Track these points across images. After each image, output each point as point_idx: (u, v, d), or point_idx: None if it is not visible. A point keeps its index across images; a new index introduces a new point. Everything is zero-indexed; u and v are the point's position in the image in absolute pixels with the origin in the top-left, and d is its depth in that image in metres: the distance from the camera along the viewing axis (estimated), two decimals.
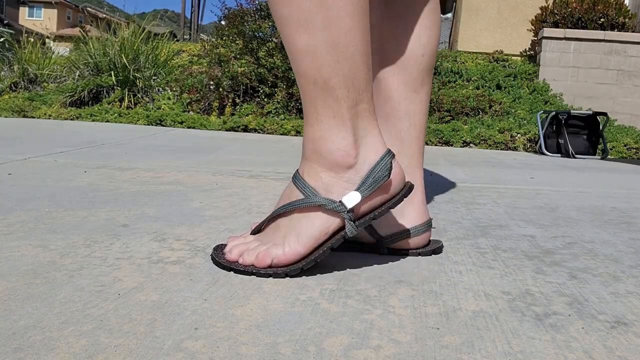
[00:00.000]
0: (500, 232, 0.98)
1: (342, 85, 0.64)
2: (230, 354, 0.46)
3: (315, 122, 0.67)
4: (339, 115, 0.65)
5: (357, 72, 0.64)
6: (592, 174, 2.25)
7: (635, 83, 4.77)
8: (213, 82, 4.07)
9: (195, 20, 9.01)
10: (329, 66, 0.63)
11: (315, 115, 0.66)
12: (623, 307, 0.62)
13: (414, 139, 0.80)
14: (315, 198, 0.66)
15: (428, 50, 0.79)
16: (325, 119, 0.66)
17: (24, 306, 0.53)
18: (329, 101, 0.65)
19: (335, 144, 0.66)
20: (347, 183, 0.67)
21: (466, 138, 3.66)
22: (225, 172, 1.57)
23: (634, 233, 1.04)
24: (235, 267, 0.67)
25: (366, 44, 0.65)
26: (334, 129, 0.66)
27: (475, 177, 1.85)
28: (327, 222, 0.67)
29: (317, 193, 0.67)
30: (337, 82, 0.64)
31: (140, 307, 0.54)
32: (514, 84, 4.71)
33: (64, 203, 1.03)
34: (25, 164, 1.51)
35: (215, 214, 1.00)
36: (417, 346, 0.49)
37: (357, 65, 0.64)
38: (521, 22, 5.49)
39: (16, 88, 4.79)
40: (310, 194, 0.67)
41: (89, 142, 2.28)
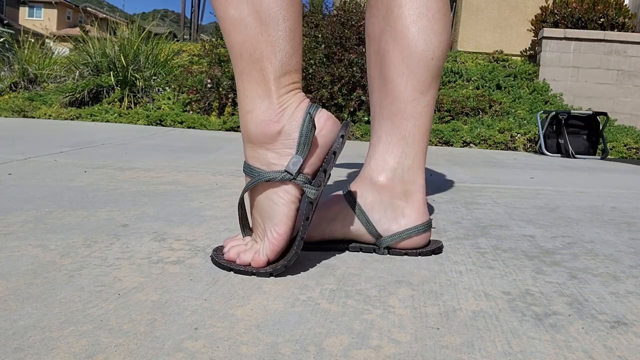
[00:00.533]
0: (500, 232, 0.98)
1: (265, 58, 0.66)
2: (230, 354, 0.46)
3: (243, 97, 0.68)
4: (262, 86, 0.67)
5: (280, 45, 0.66)
6: (592, 174, 2.25)
7: (635, 83, 4.77)
8: (213, 82, 4.07)
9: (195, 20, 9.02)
10: (253, 38, 0.65)
11: (243, 90, 0.68)
12: (623, 307, 0.62)
13: (417, 139, 0.80)
14: (260, 175, 0.67)
15: (437, 54, 0.80)
16: (250, 92, 0.67)
17: (24, 306, 0.53)
18: (253, 74, 0.67)
19: (260, 116, 0.67)
20: (284, 149, 0.67)
21: (466, 138, 3.67)
22: (225, 172, 1.57)
23: (634, 233, 1.04)
24: (234, 267, 0.67)
25: (291, 18, 0.66)
26: (257, 101, 0.67)
27: (475, 177, 1.85)
28: (286, 195, 0.67)
29: (261, 171, 0.68)
30: (260, 54, 0.66)
31: (140, 307, 0.54)
32: (514, 84, 4.71)
33: (64, 203, 1.03)
34: (25, 164, 1.51)
35: (215, 214, 1.00)
36: (417, 346, 0.49)
37: (281, 38, 0.66)
38: (521, 22, 5.50)
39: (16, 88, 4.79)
40: (255, 174, 0.68)
41: (89, 142, 2.28)
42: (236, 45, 0.67)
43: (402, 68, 0.79)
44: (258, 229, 0.70)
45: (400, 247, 0.78)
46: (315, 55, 3.81)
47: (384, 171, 0.79)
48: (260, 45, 0.65)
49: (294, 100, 0.68)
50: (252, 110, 0.67)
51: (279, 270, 0.66)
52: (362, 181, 0.81)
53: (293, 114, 0.68)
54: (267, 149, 0.68)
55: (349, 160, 2.19)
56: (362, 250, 0.80)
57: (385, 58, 0.81)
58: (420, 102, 0.80)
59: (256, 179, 0.68)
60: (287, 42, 0.67)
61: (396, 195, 0.79)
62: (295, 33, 0.67)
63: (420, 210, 0.79)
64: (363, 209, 0.79)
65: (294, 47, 0.67)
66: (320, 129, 0.68)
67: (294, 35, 0.67)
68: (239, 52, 0.67)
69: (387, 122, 0.80)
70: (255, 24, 0.65)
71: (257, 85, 0.67)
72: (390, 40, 0.80)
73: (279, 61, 0.66)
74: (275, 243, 0.67)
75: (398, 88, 0.80)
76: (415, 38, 0.79)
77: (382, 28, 0.81)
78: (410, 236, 0.78)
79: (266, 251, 0.67)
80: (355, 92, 3.83)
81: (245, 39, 0.66)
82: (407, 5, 0.79)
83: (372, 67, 0.84)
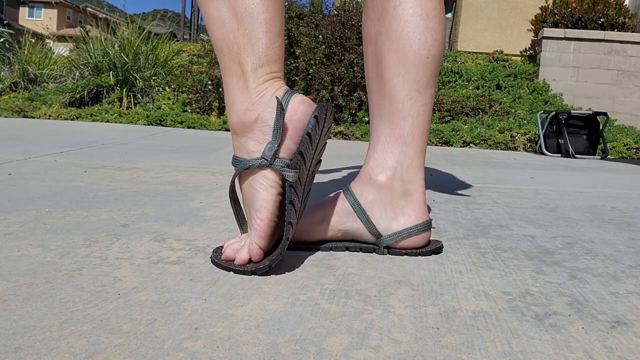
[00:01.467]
0: (500, 232, 0.98)
1: (243, 51, 0.68)
2: (230, 354, 0.46)
3: (226, 91, 0.71)
4: (241, 78, 0.69)
5: (257, 37, 0.68)
6: (592, 174, 2.25)
7: (635, 83, 4.77)
8: (213, 82, 4.07)
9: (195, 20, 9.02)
10: (232, 33, 0.68)
11: (226, 84, 0.71)
12: (623, 307, 0.62)
13: (416, 138, 0.80)
14: (241, 164, 0.69)
15: (433, 53, 0.80)
16: (231, 85, 0.70)
17: (24, 306, 0.53)
18: (233, 68, 0.69)
19: (239, 106, 0.69)
20: (262, 136, 0.69)
21: (466, 138, 3.67)
22: (225, 172, 1.57)
23: (634, 233, 1.04)
24: (233, 267, 0.67)
25: (268, 10, 0.68)
26: (237, 91, 0.69)
27: (475, 177, 1.85)
28: (264, 180, 0.68)
29: (243, 159, 0.69)
30: (239, 48, 0.68)
31: (140, 307, 0.54)
32: (514, 84, 4.72)
33: (64, 203, 1.03)
34: (25, 164, 1.51)
35: (215, 214, 1.00)
36: (417, 346, 0.49)
37: (256, 31, 0.68)
38: (521, 22, 5.50)
39: (16, 88, 4.79)
40: (238, 163, 0.69)
41: (89, 142, 2.28)
42: (217, 42, 0.70)
43: (398, 68, 0.79)
44: (249, 220, 0.71)
45: (400, 247, 0.78)
46: (316, 55, 3.81)
47: (384, 170, 0.79)
48: (238, 40, 0.68)
49: (271, 88, 0.69)
50: (233, 102, 0.70)
51: (262, 270, 0.66)
52: (361, 180, 0.81)
53: (269, 102, 0.69)
54: (247, 137, 0.69)
55: (349, 160, 2.19)
56: (362, 250, 0.80)
57: (382, 59, 0.81)
58: (418, 101, 0.80)
59: (238, 168, 0.69)
60: (264, 34, 0.68)
61: (396, 195, 0.79)
62: (272, 24, 0.69)
63: (420, 209, 0.79)
64: (363, 208, 0.79)
65: (271, 39, 0.69)
66: (294, 112, 0.69)
67: (271, 27, 0.69)
68: (220, 48, 0.69)
69: (385, 122, 0.80)
70: (232, 20, 0.68)
71: (237, 78, 0.69)
72: (386, 41, 0.80)
73: (255, 53, 0.68)
74: (259, 229, 0.67)
75: (395, 88, 0.80)
76: (410, 37, 0.79)
77: (377, 29, 0.81)
78: (410, 235, 0.78)
79: (254, 239, 0.68)
80: (355, 92, 3.83)
81: (224, 35, 0.69)
82: (402, 5, 0.79)
83: (370, 68, 0.84)
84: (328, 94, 3.79)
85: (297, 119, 0.69)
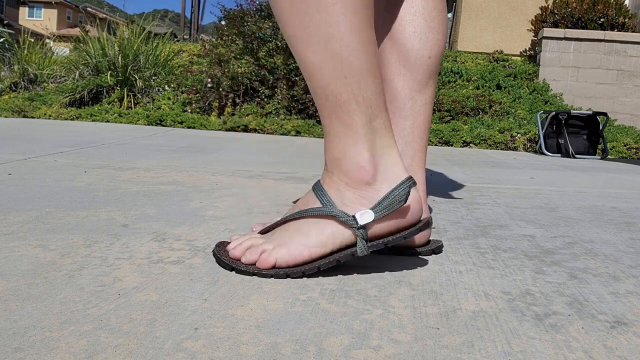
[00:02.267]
0: (500, 232, 0.98)
1: (352, 100, 0.64)
2: (230, 354, 0.46)
3: (333, 137, 0.67)
4: (353, 131, 0.65)
5: (365, 87, 0.64)
6: (592, 174, 2.25)
7: (635, 83, 4.77)
8: (213, 82, 4.07)
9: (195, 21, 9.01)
10: (336, 81, 0.64)
11: (332, 130, 0.67)
12: (623, 307, 0.62)
13: (416, 138, 0.80)
14: (330, 208, 0.66)
15: (434, 53, 0.80)
16: (341, 134, 0.66)
17: (24, 306, 0.53)
18: (342, 116, 0.65)
19: (353, 160, 0.66)
20: (365, 200, 0.66)
21: (466, 138, 3.67)
22: (225, 172, 1.57)
23: (634, 233, 1.04)
24: (237, 266, 0.67)
25: (372, 57, 0.65)
26: (350, 145, 0.66)
27: (475, 177, 1.85)
28: (337, 233, 0.66)
29: (333, 204, 0.67)
30: (346, 97, 0.64)
31: (140, 307, 0.54)
32: (514, 84, 4.71)
33: (64, 203, 1.03)
34: (25, 164, 1.51)
35: (215, 214, 1.00)
36: (417, 346, 0.49)
37: (364, 80, 0.64)
38: (521, 22, 5.50)
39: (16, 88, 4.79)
40: (326, 203, 0.67)
41: (89, 142, 2.28)
42: (320, 89, 0.65)
43: (398, 67, 0.79)
44: (284, 232, 0.69)
45: (399, 245, 0.78)
46: None
47: None
48: (346, 88, 0.64)
49: (390, 154, 0.67)
50: (343, 153, 0.67)
51: (281, 277, 0.66)
52: None
53: (387, 171, 0.67)
54: (350, 190, 0.67)
55: None
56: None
57: (382, 58, 0.81)
58: (418, 101, 0.80)
59: (324, 209, 0.67)
60: (372, 81, 0.65)
61: None
62: (377, 70, 0.66)
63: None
64: None
65: (378, 86, 0.66)
66: (407, 206, 0.67)
67: (377, 73, 0.65)
68: (324, 95, 0.65)
69: None
70: (337, 66, 0.63)
71: (347, 129, 0.65)
72: (387, 40, 0.80)
73: (366, 103, 0.65)
74: (294, 257, 0.66)
75: (395, 87, 0.80)
76: (411, 37, 0.79)
77: (378, 28, 0.81)
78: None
79: (280, 256, 0.66)
80: None
81: (330, 82, 0.64)
82: (403, 4, 0.79)
83: None
84: None
85: (403, 211, 0.67)
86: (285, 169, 1.73)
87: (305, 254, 0.66)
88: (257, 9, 4.21)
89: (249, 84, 4.07)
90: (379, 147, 0.67)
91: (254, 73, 4.04)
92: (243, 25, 4.12)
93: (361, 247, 0.66)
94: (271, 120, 3.78)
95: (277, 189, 1.32)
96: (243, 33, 4.12)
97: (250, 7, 4.23)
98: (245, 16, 4.15)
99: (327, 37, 0.62)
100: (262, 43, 4.11)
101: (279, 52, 4.04)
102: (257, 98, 4.11)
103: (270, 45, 4.07)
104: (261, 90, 4.06)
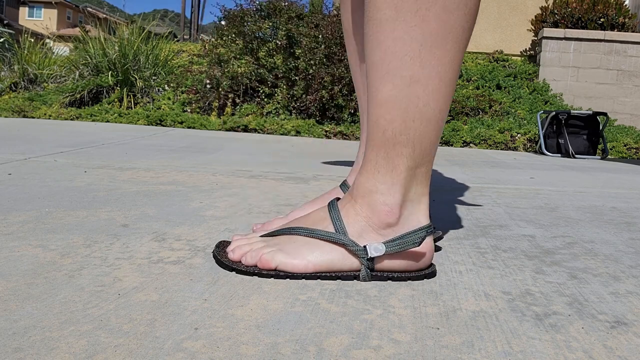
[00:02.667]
0: (500, 232, 0.98)
1: (409, 144, 0.64)
2: (230, 354, 0.46)
3: (372, 170, 0.66)
4: (397, 172, 0.65)
5: (428, 134, 0.64)
6: (592, 174, 2.25)
7: (635, 83, 4.77)
8: (213, 82, 4.07)
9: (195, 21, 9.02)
10: (403, 121, 0.63)
11: (375, 164, 0.66)
12: (623, 307, 0.62)
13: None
14: (342, 237, 0.66)
15: None
16: (382, 170, 0.65)
17: (24, 306, 0.53)
18: (391, 155, 0.64)
19: (384, 199, 0.66)
20: (381, 236, 0.66)
21: (466, 138, 3.67)
22: (225, 172, 1.57)
23: (634, 233, 1.04)
24: (237, 267, 0.67)
25: (445, 109, 0.64)
26: (388, 184, 0.65)
27: (475, 177, 1.85)
28: (344, 258, 0.66)
29: (346, 231, 0.66)
30: (405, 140, 0.63)
31: (140, 307, 0.54)
32: (514, 84, 4.72)
33: (64, 203, 1.03)
34: (25, 164, 1.51)
35: (215, 214, 1.00)
36: (417, 346, 0.49)
37: (430, 128, 0.64)
38: (521, 22, 5.50)
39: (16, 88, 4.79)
40: (339, 228, 0.66)
41: (89, 142, 2.28)
42: (381, 121, 0.64)
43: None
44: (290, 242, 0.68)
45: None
46: (316, 55, 3.81)
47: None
48: (408, 132, 0.63)
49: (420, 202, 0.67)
50: (376, 188, 0.66)
51: (281, 277, 0.66)
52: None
53: (411, 216, 0.67)
54: (369, 223, 0.66)
55: (349, 159, 2.19)
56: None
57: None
58: None
59: (336, 237, 0.66)
60: (434, 132, 0.64)
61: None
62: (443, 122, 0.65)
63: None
64: None
65: (438, 137, 0.65)
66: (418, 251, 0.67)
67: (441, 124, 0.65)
68: (383, 129, 0.64)
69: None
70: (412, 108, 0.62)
71: (391, 168, 0.65)
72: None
73: (420, 152, 0.64)
74: (297, 268, 0.65)
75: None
76: None
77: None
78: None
79: (281, 263, 0.65)
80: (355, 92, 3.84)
81: (394, 120, 0.63)
82: None
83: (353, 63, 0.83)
84: (328, 94, 3.78)
85: (415, 255, 0.67)
86: (285, 169, 1.73)
87: (309, 268, 0.65)
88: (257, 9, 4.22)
89: (248, 83, 4.07)
90: (413, 194, 0.67)
91: (253, 73, 4.04)
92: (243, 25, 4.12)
93: (364, 274, 0.66)
94: (271, 120, 3.78)
95: (277, 189, 1.32)
96: (243, 33, 4.12)
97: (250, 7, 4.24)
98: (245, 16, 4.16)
99: (416, 77, 0.61)
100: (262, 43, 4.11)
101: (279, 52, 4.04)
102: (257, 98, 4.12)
103: (270, 45, 4.07)
104: (261, 90, 4.06)
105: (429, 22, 0.59)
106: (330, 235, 0.66)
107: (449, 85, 0.63)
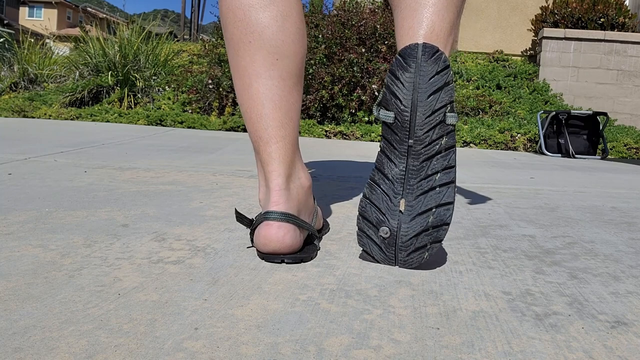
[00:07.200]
0: (500, 232, 0.98)
1: (253, 139, 0.80)
2: (231, 354, 0.46)
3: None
4: (257, 160, 0.80)
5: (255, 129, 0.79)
6: (592, 174, 2.25)
7: (635, 83, 4.77)
8: (213, 82, 4.07)
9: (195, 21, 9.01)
10: (247, 124, 0.81)
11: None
12: (623, 307, 0.62)
13: None
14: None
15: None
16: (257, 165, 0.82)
17: (24, 306, 0.53)
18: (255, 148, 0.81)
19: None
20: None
21: (466, 138, 3.67)
22: (225, 172, 1.57)
23: (634, 233, 1.04)
24: None
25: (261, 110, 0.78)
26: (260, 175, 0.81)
27: (475, 177, 1.85)
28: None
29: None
30: (250, 136, 0.80)
31: (140, 307, 0.54)
32: (514, 84, 4.71)
33: (64, 203, 1.03)
34: (25, 164, 1.51)
35: (215, 214, 1.00)
36: (417, 346, 0.49)
37: (254, 125, 0.79)
38: (521, 22, 5.49)
39: (16, 88, 4.79)
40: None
41: (89, 142, 2.28)
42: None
43: None
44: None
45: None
46: (316, 55, 3.81)
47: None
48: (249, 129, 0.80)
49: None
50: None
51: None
52: None
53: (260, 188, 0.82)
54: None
55: (349, 159, 2.19)
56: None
57: None
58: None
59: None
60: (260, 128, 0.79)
61: None
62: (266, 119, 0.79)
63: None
64: None
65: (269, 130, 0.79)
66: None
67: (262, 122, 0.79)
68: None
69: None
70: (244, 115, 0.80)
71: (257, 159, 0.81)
72: None
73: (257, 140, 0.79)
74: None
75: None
76: None
77: None
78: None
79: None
80: (355, 92, 3.83)
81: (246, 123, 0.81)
82: None
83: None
84: (328, 93, 3.78)
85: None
86: None
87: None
88: None
89: None
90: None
91: None
92: None
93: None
94: None
95: None
96: None
97: None
98: None
99: (238, 96, 0.81)
100: None
101: None
102: None
103: None
104: None
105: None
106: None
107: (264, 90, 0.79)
